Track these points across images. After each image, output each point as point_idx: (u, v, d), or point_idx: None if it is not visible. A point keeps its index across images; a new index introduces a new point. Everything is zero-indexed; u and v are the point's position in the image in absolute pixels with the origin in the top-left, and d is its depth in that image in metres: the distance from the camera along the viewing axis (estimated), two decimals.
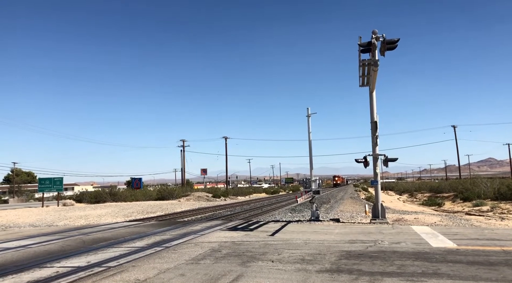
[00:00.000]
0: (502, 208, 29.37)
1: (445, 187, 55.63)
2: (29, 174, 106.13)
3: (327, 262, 8.65)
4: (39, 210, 34.08)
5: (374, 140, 16.40)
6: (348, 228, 14.93)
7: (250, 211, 28.36)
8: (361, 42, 15.42)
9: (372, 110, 16.57)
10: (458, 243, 10.76)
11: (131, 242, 12.82)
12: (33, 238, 14.75)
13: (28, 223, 22.49)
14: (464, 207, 35.29)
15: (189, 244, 11.93)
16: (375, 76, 15.77)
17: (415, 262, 8.40)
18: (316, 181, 18.27)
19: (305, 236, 12.88)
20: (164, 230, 16.22)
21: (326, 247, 10.61)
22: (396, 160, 16.62)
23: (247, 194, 71.26)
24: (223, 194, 58.31)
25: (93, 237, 14.71)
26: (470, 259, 8.52)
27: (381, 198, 17.01)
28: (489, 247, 9.98)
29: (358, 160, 16.90)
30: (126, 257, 10.01)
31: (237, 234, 14.02)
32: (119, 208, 33.74)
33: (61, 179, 42.45)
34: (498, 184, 39.52)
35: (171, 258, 9.63)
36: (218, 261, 9.06)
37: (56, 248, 12.09)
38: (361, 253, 9.54)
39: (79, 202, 47.27)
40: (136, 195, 50.25)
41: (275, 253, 9.93)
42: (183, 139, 71.50)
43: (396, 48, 15.15)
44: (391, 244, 10.82)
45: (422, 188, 73.63)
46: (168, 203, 41.43)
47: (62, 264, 9.44)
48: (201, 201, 47.59)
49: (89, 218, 24.64)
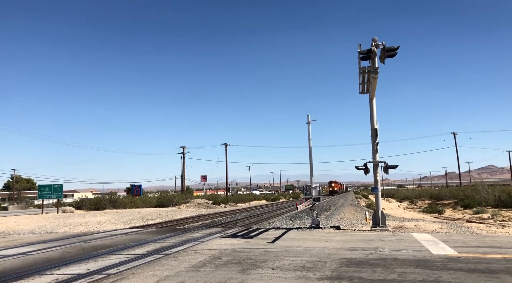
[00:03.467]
0: (503, 215, 29.26)
1: (446, 194, 55.48)
2: (28, 181, 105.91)
3: (327, 269, 8.62)
4: (39, 217, 33.98)
5: (374, 147, 16.41)
6: (348, 235, 14.89)
7: (250, 218, 28.29)
8: (361, 49, 15.50)
9: (372, 117, 16.60)
10: (459, 250, 10.73)
11: (131, 249, 12.78)
12: (33, 245, 14.71)
13: (28, 230, 22.43)
14: (465, 214, 35.17)
15: (189, 251, 11.90)
16: (375, 84, 15.82)
17: (416, 269, 8.37)
18: (316, 188, 18.25)
19: (305, 243, 12.84)
20: (164, 237, 16.17)
21: (327, 254, 10.57)
22: (397, 167, 16.62)
23: (247, 201, 71.09)
24: (223, 201, 58.16)
25: (93, 244, 14.67)
26: (471, 267, 8.49)
27: (381, 205, 16.98)
28: (490, 255, 9.95)
29: (358, 167, 16.89)
30: (126, 264, 9.98)
31: (237, 241, 13.98)
32: (119, 215, 33.66)
33: (61, 186, 42.33)
34: (498, 191, 39.43)
35: (171, 265, 9.60)
36: (218, 269, 9.03)
37: (56, 255, 12.05)
38: (362, 261, 9.51)
39: (78, 209, 47.15)
40: (136, 201, 50.12)
41: (276, 260, 9.90)
42: (183, 146, 71.51)
43: (396, 55, 15.25)
44: (391, 251, 10.79)
45: (422, 195, 73.39)
46: (168, 210, 41.33)
47: (62, 272, 9.41)
48: (201, 208, 47.47)
49: (88, 225, 24.57)
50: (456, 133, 74.18)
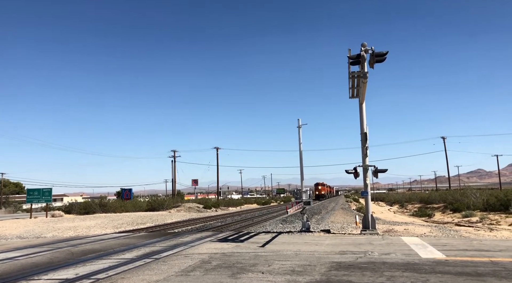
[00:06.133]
0: (491, 219, 29.65)
1: (435, 198, 56.07)
2: (17, 185, 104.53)
3: (317, 273, 8.66)
4: (27, 221, 33.54)
5: (364, 151, 16.54)
6: (338, 239, 14.95)
7: (241, 222, 28.24)
8: (350, 54, 15.66)
9: (362, 121, 16.75)
10: (447, 254, 10.85)
11: (121, 254, 12.68)
12: (20, 250, 14.51)
13: (15, 234, 22.12)
14: (454, 218, 35.56)
15: (179, 255, 11.85)
16: (364, 88, 15.97)
17: (404, 273, 8.45)
18: (307, 192, 18.30)
19: (295, 247, 12.87)
20: (154, 241, 16.08)
21: (317, 258, 10.61)
22: (386, 171, 16.78)
23: (239, 205, 70.98)
24: (214, 205, 58.01)
25: (82, 248, 14.53)
26: (458, 270, 8.60)
27: (371, 209, 17.09)
28: (477, 258, 10.08)
29: (348, 171, 17.00)
30: (115, 269, 9.90)
31: (228, 245, 13.95)
32: (109, 219, 33.35)
33: (50, 190, 41.89)
34: (487, 195, 39.95)
35: (160, 270, 9.56)
36: (208, 273, 9.02)
37: (44, 260, 11.91)
38: (351, 264, 9.56)
39: (68, 213, 46.60)
40: (126, 206, 49.70)
41: (266, 264, 9.91)
42: (174, 150, 71.31)
43: (385, 60, 15.44)
44: (381, 255, 10.87)
45: (412, 198, 74.12)
46: (158, 214, 41.07)
47: (50, 277, 9.31)
48: (192, 212, 47.27)
49: (78, 229, 24.32)
50: (445, 138, 74.91)
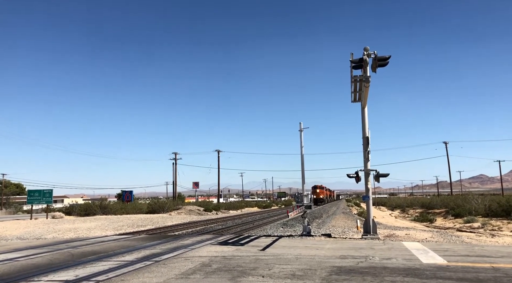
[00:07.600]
0: (493, 224, 29.53)
1: (437, 203, 55.89)
2: (18, 186, 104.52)
3: (317, 277, 8.62)
4: (27, 223, 33.53)
5: (366, 155, 16.51)
6: (339, 243, 14.90)
7: (241, 225, 28.19)
8: (353, 58, 15.66)
9: (364, 125, 16.73)
10: (448, 259, 10.79)
11: (121, 256, 12.66)
12: (21, 251, 14.50)
13: (16, 235, 22.12)
14: (456, 223, 35.42)
15: (179, 258, 11.82)
16: (366, 92, 15.96)
17: (405, 278, 8.41)
18: (308, 196, 18.27)
19: (296, 251, 12.82)
20: (154, 243, 16.05)
21: (317, 262, 10.57)
22: (388, 176, 16.73)
23: (239, 208, 70.82)
24: (214, 208, 57.87)
25: (82, 250, 14.51)
26: (459, 276, 8.55)
27: (372, 214, 17.04)
28: (478, 264, 10.03)
29: (350, 175, 16.97)
30: (115, 271, 9.88)
31: (228, 248, 13.92)
32: (109, 221, 33.33)
33: (51, 191, 41.90)
34: (489, 200, 39.80)
35: (160, 272, 9.53)
36: (208, 276, 8.98)
37: (44, 262, 11.90)
38: (352, 269, 9.52)
39: (68, 215, 46.62)
40: (127, 208, 49.66)
41: (266, 268, 9.87)
42: (175, 152, 71.37)
43: (387, 64, 15.42)
44: (382, 260, 10.82)
45: (414, 203, 73.82)
46: (159, 217, 41.03)
47: (50, 278, 9.29)
48: (192, 215, 47.20)
49: (78, 231, 24.30)
50: (447, 143, 74.79)
